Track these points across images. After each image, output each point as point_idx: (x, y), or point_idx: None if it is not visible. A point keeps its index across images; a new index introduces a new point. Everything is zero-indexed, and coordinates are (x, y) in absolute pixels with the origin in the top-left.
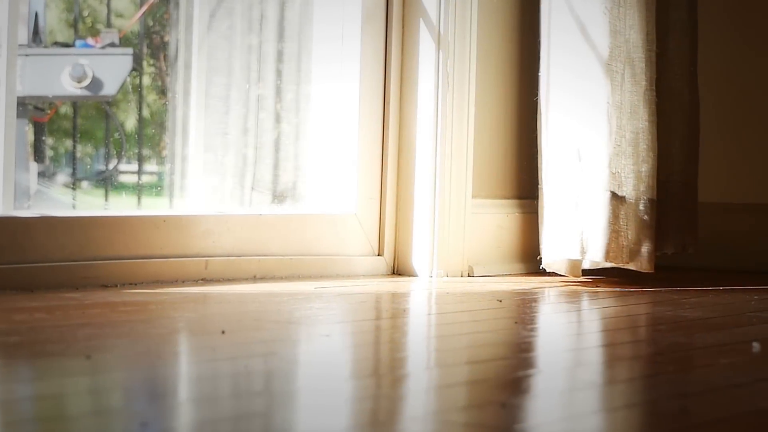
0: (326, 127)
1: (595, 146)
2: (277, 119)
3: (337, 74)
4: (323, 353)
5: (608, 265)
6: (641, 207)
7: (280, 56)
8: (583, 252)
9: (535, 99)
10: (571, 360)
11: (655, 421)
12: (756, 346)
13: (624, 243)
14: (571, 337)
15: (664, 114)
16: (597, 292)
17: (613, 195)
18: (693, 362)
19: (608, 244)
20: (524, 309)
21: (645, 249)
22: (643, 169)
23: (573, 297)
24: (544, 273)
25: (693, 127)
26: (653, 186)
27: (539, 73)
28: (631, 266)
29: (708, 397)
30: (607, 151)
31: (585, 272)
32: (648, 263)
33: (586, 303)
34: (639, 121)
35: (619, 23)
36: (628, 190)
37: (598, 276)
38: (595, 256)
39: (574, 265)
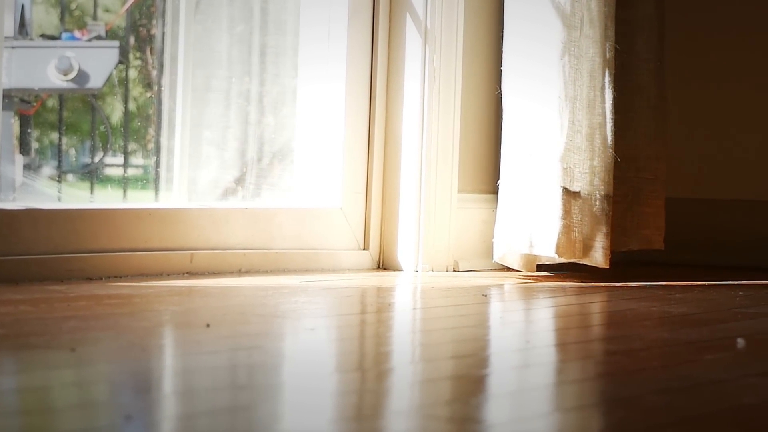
0: (312, 121)
1: (547, 141)
2: (263, 113)
3: (323, 69)
4: (308, 347)
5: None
6: (596, 203)
7: (266, 50)
8: (531, 246)
9: (498, 93)
10: (553, 355)
11: (639, 416)
12: (741, 342)
13: (577, 238)
14: (554, 333)
15: (630, 109)
16: (583, 287)
17: (565, 190)
18: (677, 358)
19: (559, 239)
20: (509, 304)
21: (600, 245)
22: (599, 165)
23: (557, 293)
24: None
25: (660, 123)
26: (609, 182)
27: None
28: (585, 261)
29: (692, 392)
30: (560, 146)
31: (552, 267)
32: (603, 259)
33: (570, 299)
34: (596, 116)
35: (575, 19)
36: (582, 186)
37: (578, 272)
38: (546, 251)
39: (528, 259)
